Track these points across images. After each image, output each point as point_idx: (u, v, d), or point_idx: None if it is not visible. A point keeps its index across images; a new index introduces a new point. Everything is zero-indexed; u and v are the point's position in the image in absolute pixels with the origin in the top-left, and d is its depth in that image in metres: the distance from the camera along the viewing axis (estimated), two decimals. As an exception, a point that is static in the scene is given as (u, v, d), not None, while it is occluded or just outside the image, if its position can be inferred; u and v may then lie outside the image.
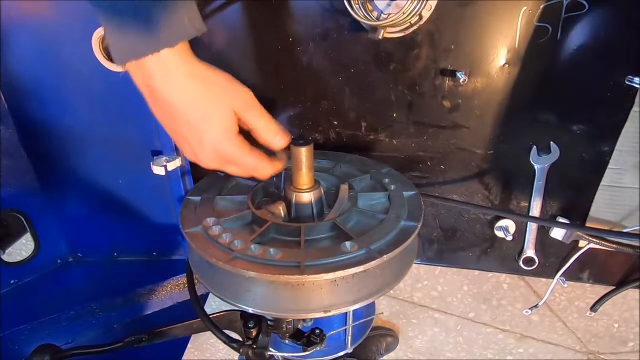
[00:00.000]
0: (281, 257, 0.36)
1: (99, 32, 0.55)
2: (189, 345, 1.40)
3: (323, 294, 0.37)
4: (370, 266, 0.35)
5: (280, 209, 0.45)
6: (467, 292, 1.26)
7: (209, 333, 0.46)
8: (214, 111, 0.36)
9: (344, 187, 0.46)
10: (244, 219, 0.43)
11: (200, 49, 0.57)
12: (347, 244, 0.37)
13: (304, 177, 0.44)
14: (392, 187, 0.47)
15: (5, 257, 0.69)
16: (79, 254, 0.77)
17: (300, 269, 0.34)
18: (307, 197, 0.44)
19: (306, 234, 0.40)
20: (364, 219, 0.42)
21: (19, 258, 0.71)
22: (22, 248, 0.74)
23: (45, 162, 0.70)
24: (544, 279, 0.65)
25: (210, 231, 0.40)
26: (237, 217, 0.43)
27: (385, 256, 0.36)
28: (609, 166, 0.54)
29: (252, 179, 0.43)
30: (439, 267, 1.24)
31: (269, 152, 0.42)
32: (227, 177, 0.50)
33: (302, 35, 0.54)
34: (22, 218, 0.70)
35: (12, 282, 0.70)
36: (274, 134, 0.40)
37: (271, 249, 0.36)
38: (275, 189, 0.50)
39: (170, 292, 0.74)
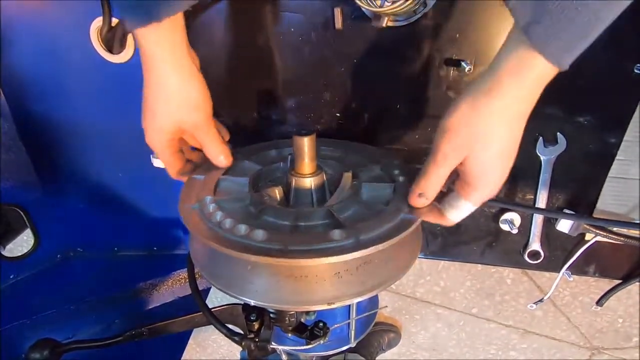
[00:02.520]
0: (267, 239, 0.35)
1: (96, 23, 0.55)
2: (190, 341, 1.40)
3: (327, 286, 0.36)
4: (353, 256, 0.34)
5: (277, 192, 0.44)
6: (470, 288, 1.26)
7: (210, 329, 0.45)
8: (156, 117, 0.43)
9: (347, 175, 0.45)
10: (243, 200, 0.42)
11: (201, 38, 0.56)
12: (337, 231, 0.36)
13: (306, 166, 0.43)
14: (401, 178, 0.45)
15: (5, 252, 0.69)
16: (79, 249, 0.77)
17: (282, 252, 0.33)
18: (307, 182, 0.44)
19: (300, 219, 0.39)
20: (363, 209, 0.41)
21: (19, 253, 0.71)
22: (22, 243, 0.73)
23: (44, 156, 0.69)
24: (547, 274, 0.64)
25: (205, 209, 0.39)
26: (235, 198, 0.42)
27: (372, 248, 0.35)
28: (616, 157, 0.53)
29: (257, 162, 0.47)
30: (442, 263, 1.24)
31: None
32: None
33: (304, 25, 0.53)
34: (21, 213, 0.69)
35: (12, 277, 0.70)
36: (217, 154, 0.46)
37: (259, 231, 0.35)
38: (282, 173, 0.49)
39: (171, 287, 0.73)
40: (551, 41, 0.30)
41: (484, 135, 0.35)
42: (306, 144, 0.42)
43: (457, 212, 0.40)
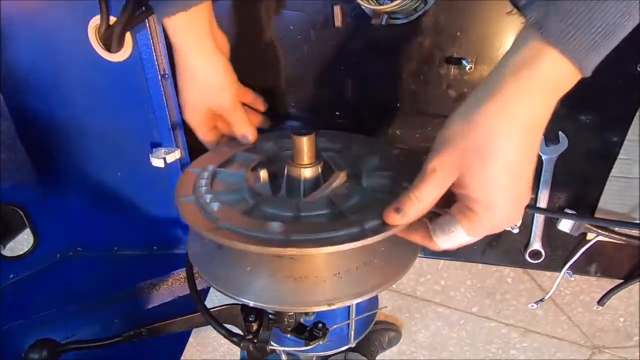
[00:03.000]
0: (268, 228, 0.34)
1: (94, 22, 0.54)
2: (190, 339, 1.40)
3: (326, 286, 0.36)
4: (361, 244, 0.32)
5: (262, 174, 0.44)
6: (471, 287, 1.25)
7: (211, 328, 0.45)
8: (188, 100, 0.48)
9: (340, 174, 0.44)
10: (240, 192, 0.42)
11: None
12: (340, 221, 0.35)
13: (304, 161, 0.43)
14: (401, 168, 0.44)
15: (4, 252, 0.68)
16: (78, 248, 0.77)
17: (285, 241, 0.32)
18: (299, 172, 0.43)
19: (301, 209, 0.38)
20: (366, 198, 0.40)
21: (19, 252, 0.71)
22: (22, 242, 0.73)
23: (43, 155, 0.69)
24: (548, 273, 0.64)
25: (202, 200, 0.39)
26: (232, 190, 0.42)
27: (379, 235, 0.33)
28: (618, 157, 0.53)
29: (255, 154, 0.49)
30: (442, 261, 1.23)
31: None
32: (228, 150, 0.51)
33: (303, 23, 0.53)
34: (21, 212, 0.69)
35: (11, 276, 0.69)
36: (242, 132, 0.50)
37: (259, 221, 0.35)
38: (279, 166, 0.48)
39: (171, 287, 0.73)
40: (570, 34, 0.25)
41: (484, 149, 0.28)
42: (305, 143, 0.41)
43: (447, 239, 0.33)
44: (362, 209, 0.38)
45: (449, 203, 0.33)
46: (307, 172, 0.43)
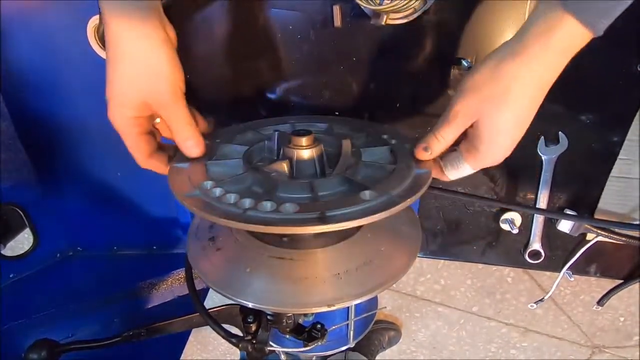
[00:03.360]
0: (299, 210, 0.33)
1: (93, 21, 0.54)
2: (190, 338, 1.40)
3: (326, 287, 0.36)
4: (395, 210, 0.33)
5: (285, 166, 0.41)
6: (471, 286, 1.26)
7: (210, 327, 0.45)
8: (117, 91, 0.38)
9: (346, 142, 0.43)
10: (244, 181, 0.39)
11: (198, 37, 0.56)
12: (366, 192, 0.34)
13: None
14: (393, 141, 0.44)
15: (4, 252, 0.68)
16: (78, 248, 0.77)
17: (322, 219, 0.31)
18: (308, 153, 0.41)
19: (318, 189, 0.37)
20: (374, 171, 0.40)
21: (19, 252, 0.71)
22: (22, 242, 0.73)
23: (43, 155, 0.69)
24: (548, 273, 0.64)
25: (211, 194, 0.36)
26: (236, 179, 0.39)
27: (409, 199, 0.34)
28: (618, 157, 0.53)
29: (238, 143, 0.45)
30: (442, 261, 1.23)
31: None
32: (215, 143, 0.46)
33: (302, 23, 0.53)
34: (20, 212, 0.69)
35: (11, 276, 0.70)
36: (185, 137, 0.40)
37: (286, 204, 0.33)
38: (268, 152, 0.46)
39: (170, 286, 0.73)
40: (587, 5, 0.29)
41: (501, 97, 0.33)
42: (304, 143, 0.41)
43: (456, 172, 0.40)
44: (378, 180, 0.38)
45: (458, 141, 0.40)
46: (317, 152, 0.42)
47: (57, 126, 0.65)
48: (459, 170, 0.40)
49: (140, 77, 0.37)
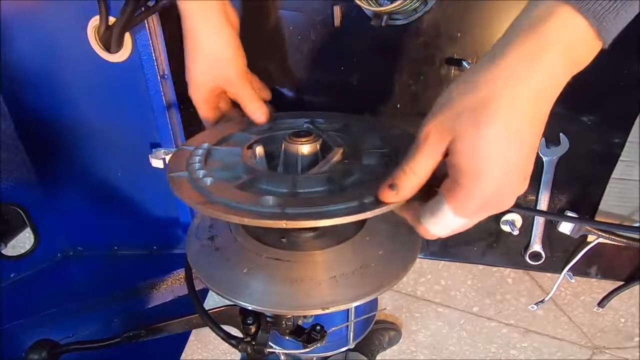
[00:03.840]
0: (262, 202, 0.33)
1: (94, 22, 0.54)
2: (191, 337, 1.40)
3: (322, 290, 0.36)
4: (358, 217, 0.30)
5: (258, 151, 0.42)
6: (471, 287, 1.25)
7: (210, 327, 0.45)
8: (194, 75, 0.46)
9: (339, 150, 0.42)
10: (235, 169, 0.40)
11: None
12: (339, 195, 0.33)
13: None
14: (402, 146, 0.41)
15: (5, 251, 0.69)
16: (78, 248, 0.77)
17: (280, 215, 0.31)
18: (297, 148, 0.41)
19: (297, 185, 0.36)
20: (366, 175, 0.38)
21: (19, 252, 0.71)
22: (22, 242, 0.73)
23: (43, 155, 0.69)
24: (549, 274, 0.63)
25: (195, 176, 0.37)
26: (227, 167, 0.40)
27: (377, 209, 0.31)
28: (620, 158, 0.52)
29: (251, 134, 0.47)
30: (443, 261, 1.23)
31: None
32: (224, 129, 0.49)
33: (303, 23, 0.53)
34: (21, 212, 0.69)
35: (11, 276, 0.70)
36: (254, 110, 0.48)
37: (253, 195, 0.33)
38: (277, 145, 0.46)
39: (170, 286, 0.73)
40: None
41: (482, 109, 0.25)
42: (299, 139, 0.41)
43: (435, 221, 0.30)
44: (362, 185, 0.36)
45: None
46: (305, 149, 0.41)
47: (58, 126, 0.66)
48: (441, 219, 0.30)
49: (213, 66, 0.45)
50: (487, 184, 0.26)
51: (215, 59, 0.45)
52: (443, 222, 0.30)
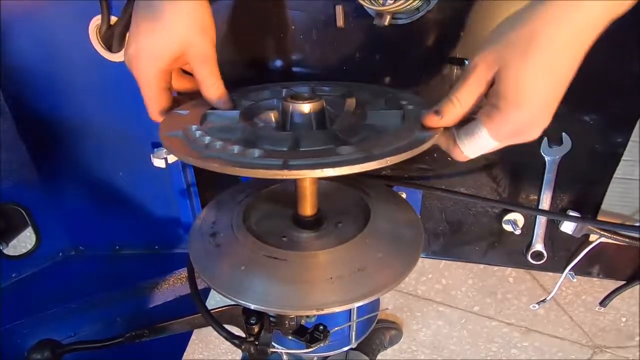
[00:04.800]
0: (264, 155, 0.31)
1: (95, 21, 0.54)
2: (192, 337, 1.41)
3: (317, 290, 0.36)
4: (368, 167, 0.29)
5: (272, 116, 0.40)
6: (472, 286, 1.25)
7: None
8: (158, 35, 0.37)
9: (350, 100, 0.41)
10: (233, 131, 0.37)
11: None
12: (345, 147, 0.31)
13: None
14: (410, 107, 0.40)
15: (6, 251, 0.69)
16: (80, 248, 0.77)
17: (283, 166, 0.29)
18: (305, 107, 0.39)
19: (300, 143, 0.34)
20: (371, 131, 0.36)
21: (21, 251, 0.71)
22: (24, 242, 0.73)
23: (44, 155, 0.69)
24: (550, 273, 0.64)
25: (190, 135, 0.35)
26: (224, 127, 0.38)
27: (388, 159, 0.29)
28: (622, 158, 0.52)
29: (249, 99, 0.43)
30: (444, 261, 1.23)
31: None
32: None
33: (304, 23, 0.52)
34: (22, 211, 0.69)
35: (13, 275, 0.70)
36: (215, 92, 0.41)
37: (254, 150, 0.31)
38: (276, 108, 0.44)
39: (172, 286, 0.73)
40: None
41: (528, 42, 0.27)
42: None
43: (471, 143, 0.33)
44: (369, 139, 0.34)
45: None
46: (315, 107, 0.39)
47: (59, 126, 0.65)
48: (476, 140, 0.32)
49: (186, 29, 0.38)
50: (524, 112, 0.29)
51: (189, 23, 0.37)
52: (477, 143, 0.33)
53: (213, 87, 0.41)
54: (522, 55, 0.27)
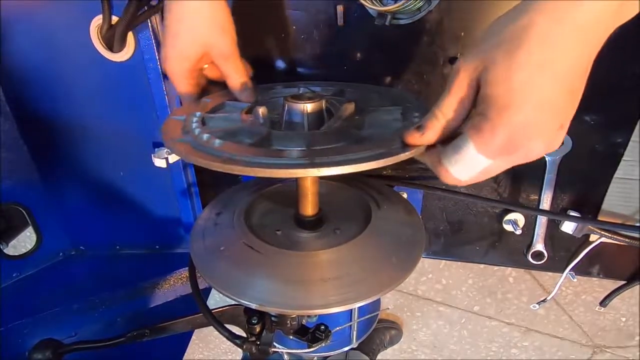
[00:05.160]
0: (286, 155, 0.31)
1: (96, 21, 0.54)
2: (193, 336, 1.40)
3: (327, 289, 0.36)
4: (391, 161, 0.29)
5: (261, 111, 0.40)
6: (472, 286, 1.25)
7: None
8: (179, 43, 0.41)
9: (348, 105, 0.40)
10: (238, 133, 0.37)
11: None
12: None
13: None
14: (415, 114, 0.39)
15: (7, 251, 0.69)
16: (81, 247, 0.77)
17: (310, 164, 0.30)
18: (303, 107, 0.39)
19: (313, 142, 0.34)
20: (381, 129, 0.37)
21: (21, 251, 0.71)
22: (24, 241, 0.73)
23: (45, 155, 0.69)
24: (550, 272, 0.64)
25: (200, 140, 0.35)
26: (227, 131, 0.37)
27: (405, 154, 0.30)
28: (623, 158, 0.52)
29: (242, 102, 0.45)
30: (444, 261, 1.23)
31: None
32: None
33: (306, 23, 0.53)
34: (23, 211, 0.69)
35: (14, 275, 0.70)
36: (241, 85, 0.44)
37: (272, 151, 0.32)
38: (278, 114, 0.44)
39: (173, 286, 0.73)
40: None
41: (517, 37, 0.24)
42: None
43: (457, 159, 0.28)
44: (380, 137, 0.34)
45: None
46: (311, 107, 0.39)
47: (60, 126, 0.65)
48: (462, 157, 0.28)
49: (203, 30, 0.41)
50: (516, 117, 0.25)
51: (209, 25, 0.41)
52: (465, 161, 0.28)
53: (237, 82, 0.44)
54: (511, 51, 0.24)
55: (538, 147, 0.26)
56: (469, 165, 0.28)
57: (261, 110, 0.40)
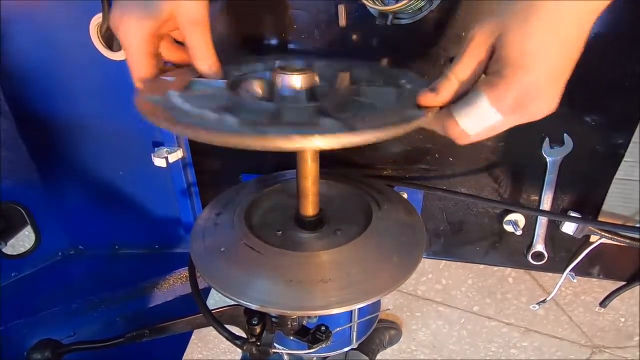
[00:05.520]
0: (239, 122, 0.28)
1: (96, 20, 0.54)
2: (192, 336, 1.40)
3: (328, 290, 0.36)
4: (347, 140, 0.26)
5: (257, 86, 0.37)
6: (472, 286, 1.26)
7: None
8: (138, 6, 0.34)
9: (344, 75, 0.38)
10: (216, 99, 0.34)
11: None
12: (327, 120, 0.28)
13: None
14: (408, 86, 0.38)
15: (6, 250, 0.68)
16: (80, 247, 0.77)
17: (257, 131, 0.27)
18: (295, 80, 0.36)
19: (283, 113, 0.32)
20: (360, 107, 0.34)
21: (20, 251, 0.71)
22: (23, 241, 0.73)
23: (44, 154, 0.69)
24: (550, 273, 0.64)
25: (169, 103, 0.32)
26: (206, 95, 0.35)
27: (367, 134, 0.27)
28: (623, 159, 0.52)
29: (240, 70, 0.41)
30: (444, 261, 1.23)
31: None
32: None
33: (307, 22, 0.52)
34: (22, 211, 0.69)
35: (12, 274, 0.69)
36: (206, 59, 0.37)
37: (227, 116, 0.29)
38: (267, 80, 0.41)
39: (172, 286, 0.73)
40: None
41: (530, 5, 0.26)
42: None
43: (468, 112, 0.29)
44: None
45: None
46: (306, 80, 0.36)
47: (59, 125, 0.65)
48: (474, 110, 0.29)
49: None
50: (528, 77, 0.27)
51: None
52: (477, 114, 0.29)
53: (204, 55, 0.37)
54: (526, 19, 0.26)
55: (543, 107, 0.28)
56: (480, 118, 0.29)
57: (257, 83, 0.36)
